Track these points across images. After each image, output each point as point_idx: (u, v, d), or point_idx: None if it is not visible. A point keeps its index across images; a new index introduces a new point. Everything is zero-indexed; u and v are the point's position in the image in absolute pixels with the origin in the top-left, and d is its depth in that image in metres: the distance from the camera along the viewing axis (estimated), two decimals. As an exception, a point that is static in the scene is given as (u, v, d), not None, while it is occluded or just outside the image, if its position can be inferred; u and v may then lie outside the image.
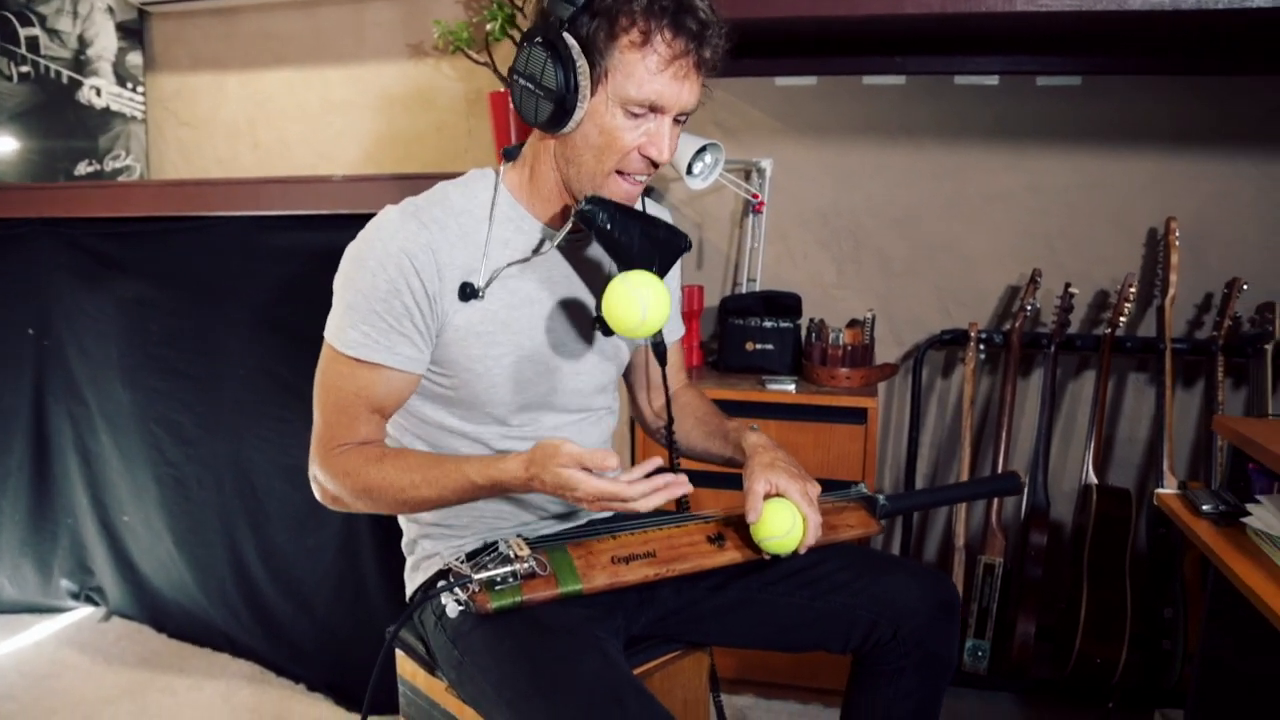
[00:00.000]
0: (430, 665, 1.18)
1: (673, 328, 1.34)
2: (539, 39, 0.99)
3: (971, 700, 1.98)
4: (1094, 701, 1.90)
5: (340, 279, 1.07)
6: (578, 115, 1.00)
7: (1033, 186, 2.06)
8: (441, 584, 1.03)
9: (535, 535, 1.18)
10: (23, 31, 2.26)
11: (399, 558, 1.28)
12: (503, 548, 1.04)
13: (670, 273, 1.13)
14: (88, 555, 2.32)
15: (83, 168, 2.40)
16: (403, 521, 1.25)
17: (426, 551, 1.21)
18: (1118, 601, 1.84)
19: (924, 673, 1.16)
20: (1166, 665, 1.83)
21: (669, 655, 1.25)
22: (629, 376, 1.38)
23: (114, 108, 2.46)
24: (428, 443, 1.16)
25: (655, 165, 1.05)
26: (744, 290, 2.20)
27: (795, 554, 1.11)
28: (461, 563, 1.04)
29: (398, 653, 1.24)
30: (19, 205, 2.03)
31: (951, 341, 2.11)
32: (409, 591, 1.24)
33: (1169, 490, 1.38)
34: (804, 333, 2.05)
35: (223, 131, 2.53)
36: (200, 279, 1.96)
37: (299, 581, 1.99)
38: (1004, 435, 2.00)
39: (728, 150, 1.97)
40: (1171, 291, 1.91)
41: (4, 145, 2.29)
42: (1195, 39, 1.81)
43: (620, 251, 1.05)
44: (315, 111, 2.44)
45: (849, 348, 1.93)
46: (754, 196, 2.15)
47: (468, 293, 1.07)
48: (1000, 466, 2.00)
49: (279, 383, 1.92)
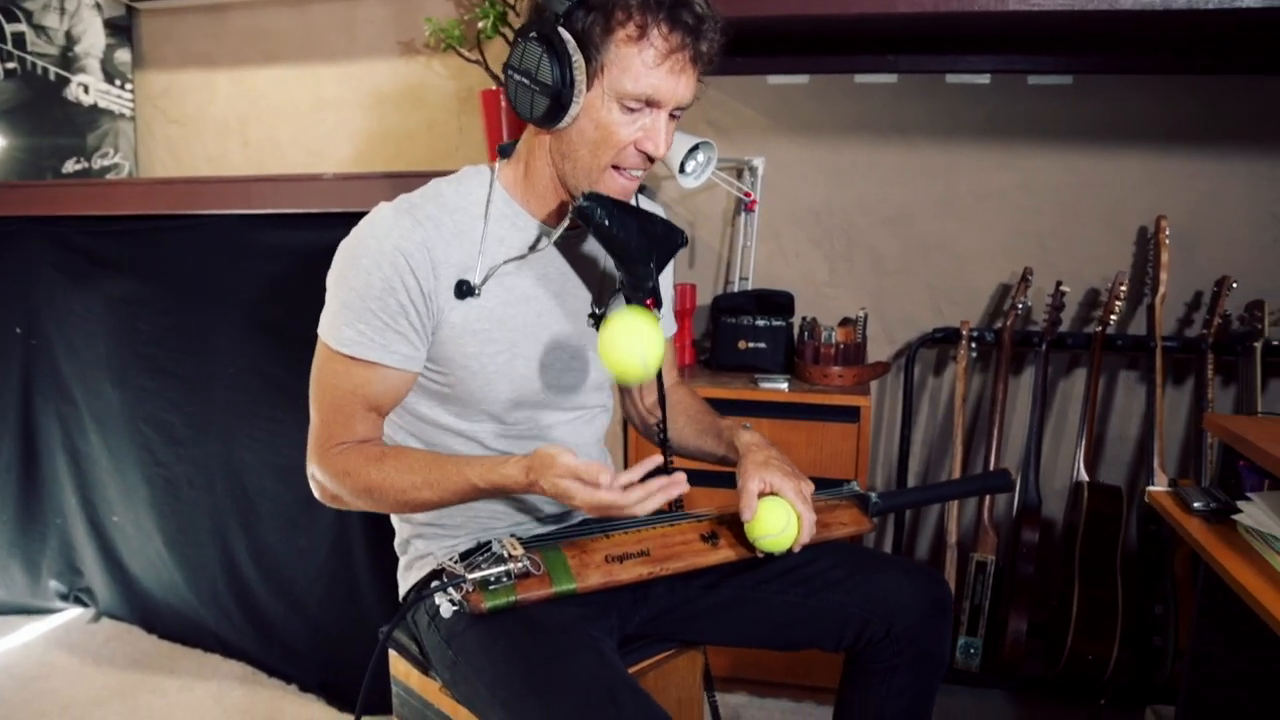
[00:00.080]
0: (424, 665, 1.17)
1: (665, 325, 1.34)
2: (534, 34, 0.98)
3: (964, 698, 1.99)
4: (1086, 698, 1.91)
5: (334, 276, 1.06)
6: (573, 110, 0.99)
7: (1024, 185, 2.07)
8: (435, 584, 1.02)
9: (529, 535, 1.18)
10: (9, 27, 2.23)
11: (391, 557, 1.28)
12: (496, 547, 1.04)
13: (664, 269, 1.13)
14: (77, 556, 2.30)
15: (70, 165, 2.38)
16: (395, 521, 1.25)
17: (420, 551, 1.20)
18: (1109, 598, 1.84)
19: (917, 670, 1.16)
20: (1158, 662, 1.84)
21: (663, 654, 1.25)
22: None
23: (102, 105, 2.44)
24: (422, 440, 1.15)
25: (651, 160, 1.05)
26: (736, 289, 2.20)
27: (789, 552, 1.11)
28: (455, 563, 1.03)
29: (391, 653, 1.24)
30: (5, 203, 2.01)
31: (943, 340, 2.11)
32: (402, 591, 1.24)
33: (1160, 488, 1.38)
34: (796, 331, 2.05)
35: (212, 129, 2.52)
36: (190, 277, 1.95)
37: (291, 581, 1.98)
38: (996, 433, 2.01)
39: (720, 149, 1.97)
40: (1162, 290, 1.92)
41: (-9, 143, 2.27)
42: (1186, 38, 1.82)
43: (617, 247, 1.05)
44: (306, 109, 2.43)
45: (841, 346, 1.93)
46: (746, 195, 2.15)
47: (464, 290, 1.06)
48: (992, 464, 2.01)
49: (270, 382, 1.91)
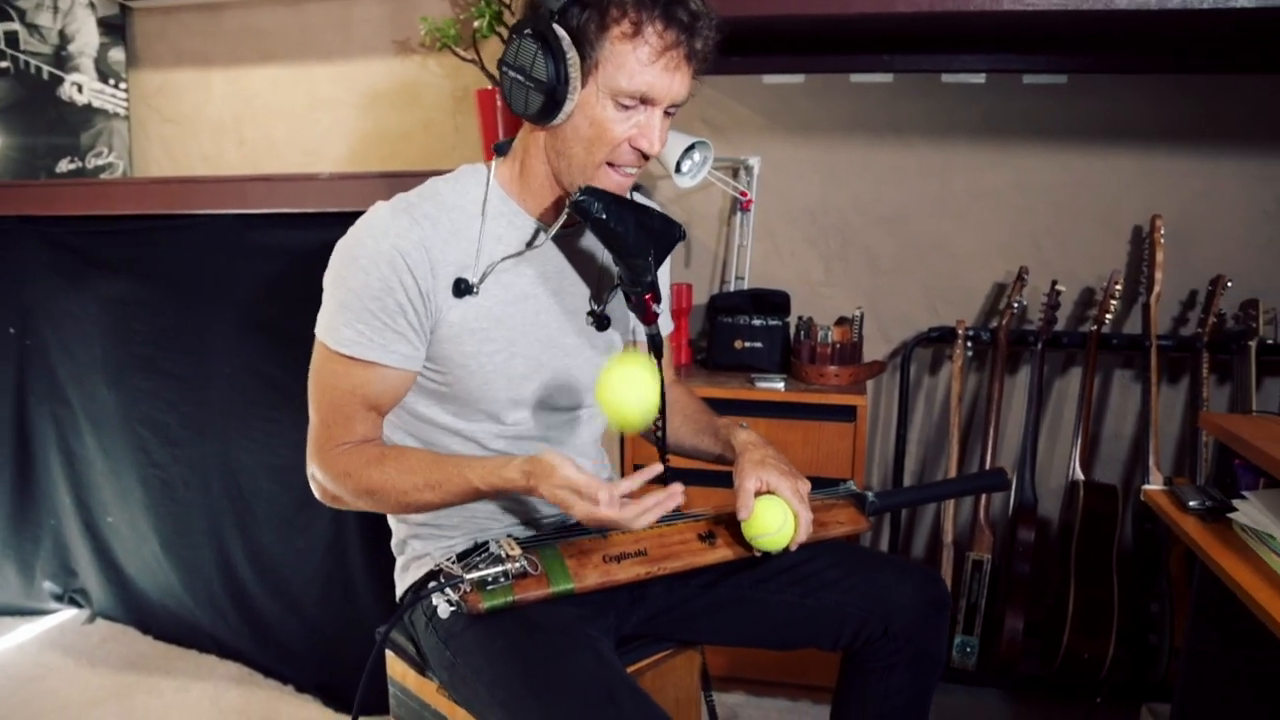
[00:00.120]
0: (421, 666, 1.17)
1: (663, 322, 1.34)
2: (529, 30, 0.98)
3: (960, 696, 1.99)
4: (1082, 696, 1.92)
5: (331, 276, 1.06)
6: (568, 107, 0.99)
7: (1019, 184, 2.07)
8: (433, 584, 1.02)
9: (526, 535, 1.18)
10: (1, 26, 2.22)
11: (387, 557, 1.27)
12: (494, 548, 1.04)
13: (661, 266, 1.13)
14: (71, 557, 2.29)
15: (64, 165, 2.37)
16: (392, 522, 1.24)
17: (416, 552, 1.20)
18: (1105, 597, 1.85)
19: (914, 669, 1.16)
20: (1153, 660, 1.85)
21: (660, 654, 1.25)
22: None
23: (96, 104, 2.43)
24: (420, 439, 1.15)
25: (645, 157, 1.04)
26: (732, 288, 2.20)
27: (786, 551, 1.11)
28: (452, 563, 1.03)
29: (388, 653, 1.23)
30: (-1, 203, 2.01)
31: (939, 339, 2.12)
32: (399, 592, 1.24)
33: (1155, 486, 1.39)
34: (792, 330, 2.05)
35: (207, 128, 2.51)
36: (186, 277, 1.94)
37: (287, 582, 1.98)
38: (991, 432, 2.01)
39: (716, 148, 1.97)
40: (1156, 289, 1.92)
41: (-16, 142, 2.26)
42: (1180, 38, 1.82)
43: (615, 242, 1.05)
44: (301, 108, 2.42)
45: (837, 345, 1.93)
46: (742, 194, 2.15)
47: (462, 289, 1.06)
48: (988, 463, 2.01)
49: (266, 382, 1.90)
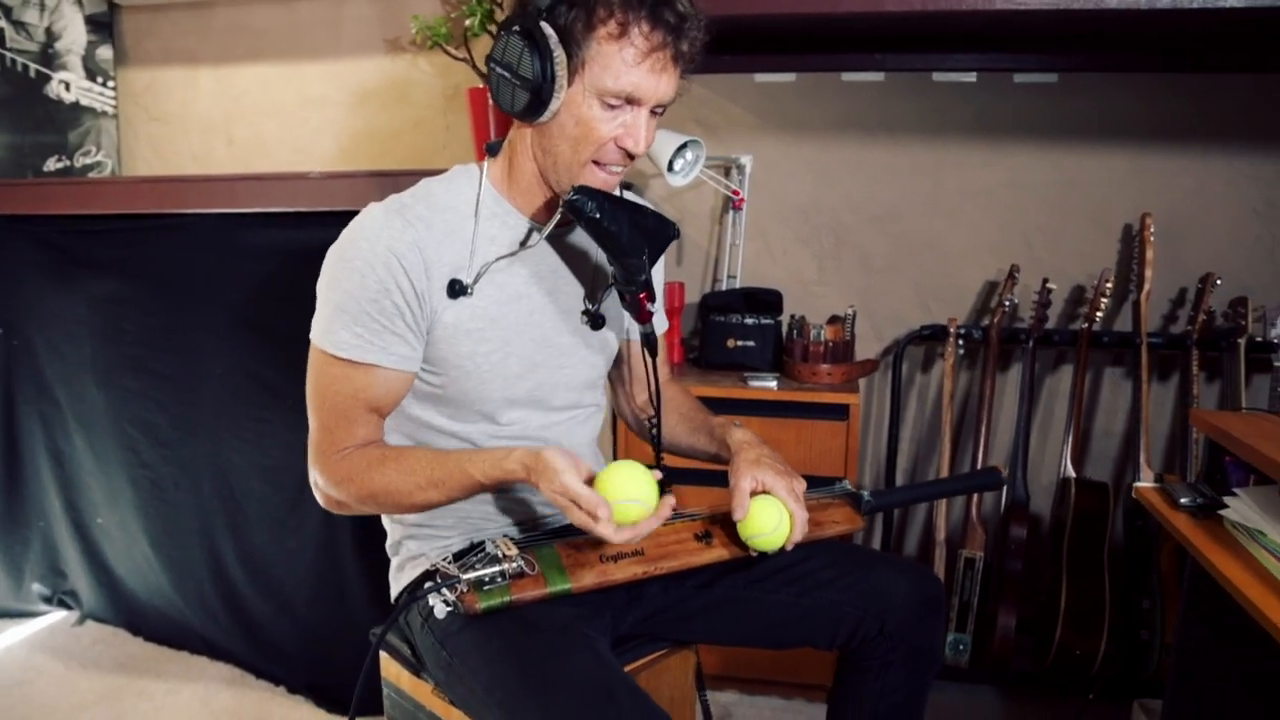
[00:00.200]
0: (416, 667, 1.17)
1: (657, 321, 1.33)
2: (517, 27, 0.98)
3: (953, 693, 2.00)
4: (1074, 693, 1.92)
5: (325, 280, 1.05)
6: (554, 105, 0.99)
7: (1011, 183, 2.08)
8: (429, 585, 1.02)
9: (522, 535, 1.17)
10: (-12, 24, 2.21)
11: (380, 557, 1.27)
12: (490, 548, 1.04)
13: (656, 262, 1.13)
14: (60, 558, 2.28)
15: (52, 164, 2.35)
16: (387, 522, 1.24)
17: (412, 552, 1.19)
18: (1096, 594, 1.86)
19: (910, 667, 1.17)
20: (1145, 656, 1.86)
21: (656, 654, 1.25)
22: (611, 371, 1.37)
23: (84, 102, 2.41)
24: (414, 441, 1.15)
25: (631, 157, 1.04)
26: (724, 287, 2.20)
27: (782, 550, 1.11)
28: (449, 563, 1.03)
29: (382, 654, 1.23)
30: (-14, 202, 1.99)
31: (931, 337, 2.12)
32: (394, 593, 1.23)
33: (1146, 483, 1.39)
34: (785, 329, 2.05)
35: (197, 127, 2.49)
36: (175, 277, 1.93)
37: (279, 582, 1.97)
38: (983, 429, 2.02)
39: (708, 147, 1.97)
40: (1147, 287, 1.94)
41: (-31, 141, 2.24)
42: (1171, 37, 1.83)
43: (610, 241, 1.05)
44: (291, 107, 2.41)
45: (830, 344, 1.94)
46: (734, 193, 2.15)
47: (456, 290, 1.06)
48: (980, 461, 2.02)
49: (257, 382, 1.89)
